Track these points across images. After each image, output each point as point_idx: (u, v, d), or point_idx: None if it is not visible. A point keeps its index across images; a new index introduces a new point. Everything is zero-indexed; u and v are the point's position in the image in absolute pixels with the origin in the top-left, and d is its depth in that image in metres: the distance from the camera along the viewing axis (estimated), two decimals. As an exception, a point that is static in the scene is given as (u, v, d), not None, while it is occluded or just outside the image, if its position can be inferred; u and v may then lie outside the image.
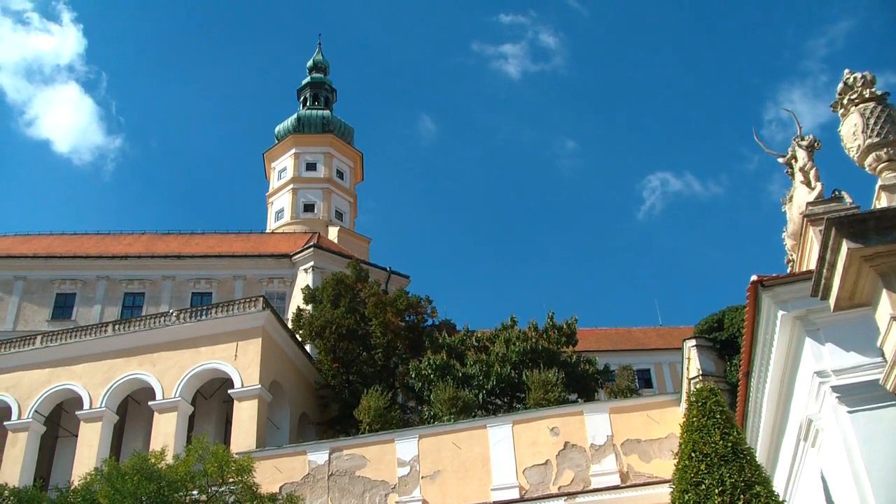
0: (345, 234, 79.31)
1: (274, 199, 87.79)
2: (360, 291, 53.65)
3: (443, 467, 38.30)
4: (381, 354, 50.59)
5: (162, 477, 25.67)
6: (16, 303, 67.25)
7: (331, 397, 51.60)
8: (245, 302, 48.40)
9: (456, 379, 45.10)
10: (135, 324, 50.13)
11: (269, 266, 67.67)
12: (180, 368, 47.05)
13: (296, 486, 39.26)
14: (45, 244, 72.89)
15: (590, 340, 68.95)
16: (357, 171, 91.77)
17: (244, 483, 27.64)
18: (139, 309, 65.22)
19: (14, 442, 48.29)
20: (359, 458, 39.99)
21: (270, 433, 46.24)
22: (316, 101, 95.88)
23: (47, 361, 49.96)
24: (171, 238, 74.38)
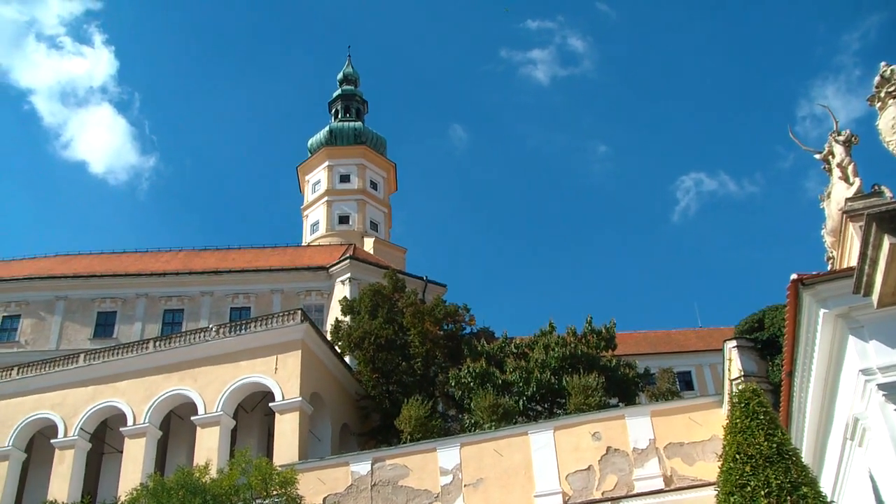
0: (380, 244, 79.44)
1: (309, 212, 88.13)
2: (398, 301, 53.72)
3: (485, 475, 38.21)
4: (420, 364, 50.60)
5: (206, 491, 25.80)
6: (58, 322, 67.99)
7: (371, 408, 51.65)
8: (283, 315, 48.57)
9: (496, 386, 45.00)
10: (175, 340, 50.45)
11: (306, 279, 67.91)
12: (221, 383, 47.29)
13: (339, 497, 39.35)
14: (85, 264, 73.59)
15: (629, 344, 68.64)
16: (391, 181, 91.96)
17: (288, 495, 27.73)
18: (179, 325, 65.66)
19: (61, 459, 48.80)
20: (401, 467, 39.98)
21: (312, 445, 46.34)
22: (347, 113, 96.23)
23: (91, 379, 50.48)
24: (209, 254, 74.87)
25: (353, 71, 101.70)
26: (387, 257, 73.69)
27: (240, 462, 28.48)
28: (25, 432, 51.14)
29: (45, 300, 69.22)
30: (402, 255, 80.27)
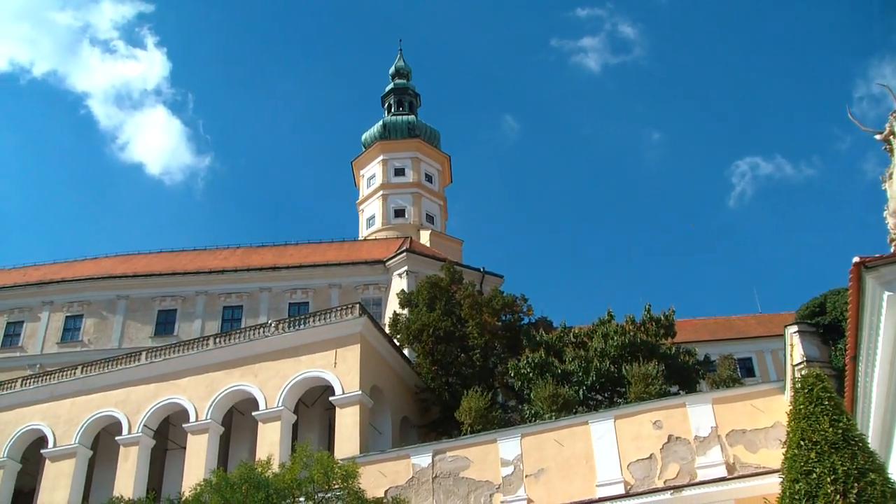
0: (436, 237, 79.52)
1: (364, 207, 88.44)
2: (455, 293, 53.73)
3: (546, 465, 38.12)
4: (479, 355, 50.57)
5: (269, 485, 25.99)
6: (120, 321, 68.99)
7: (431, 400, 51.73)
8: (342, 309, 48.78)
9: (555, 376, 44.90)
10: (235, 336, 50.91)
11: (364, 273, 68.18)
12: (282, 378, 47.61)
13: (401, 489, 39.44)
14: (145, 263, 74.52)
15: (688, 331, 68.13)
16: (445, 173, 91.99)
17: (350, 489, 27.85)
18: (238, 322, 66.27)
19: (126, 456, 49.47)
20: (462, 459, 40.02)
21: (373, 438, 46.52)
22: (400, 107, 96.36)
23: (153, 377, 51.11)
24: (266, 250, 75.43)
25: (404, 65, 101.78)
26: (443, 249, 73.73)
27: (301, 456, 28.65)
28: (91, 430, 51.94)
29: (106, 300, 70.28)
30: (459, 247, 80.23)
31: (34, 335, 70.43)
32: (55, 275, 74.30)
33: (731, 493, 33.80)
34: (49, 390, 53.88)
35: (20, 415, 53.93)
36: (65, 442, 51.52)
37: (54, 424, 52.50)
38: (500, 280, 65.51)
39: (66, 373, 54.53)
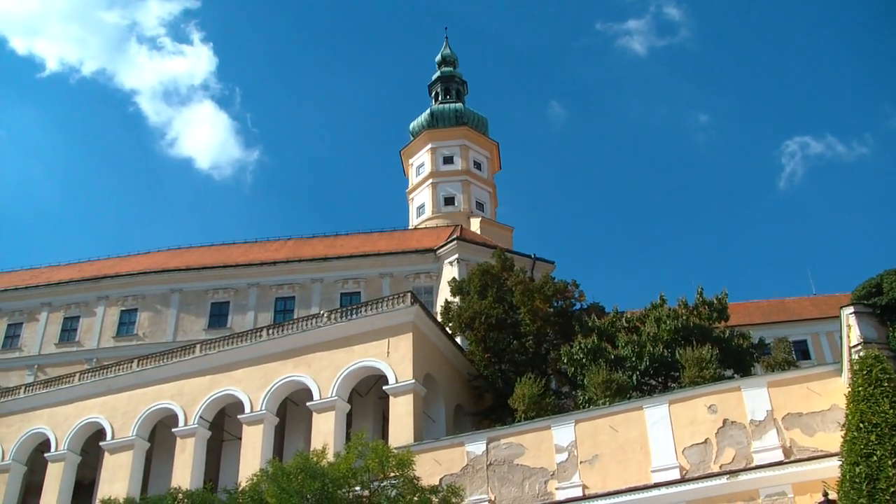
0: (487, 224, 79.37)
1: (414, 195, 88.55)
2: (507, 280, 53.65)
3: (601, 451, 38.00)
4: (531, 342, 50.48)
5: (325, 474, 26.13)
6: (174, 314, 69.70)
7: (484, 387, 51.74)
8: (393, 299, 48.83)
9: (608, 361, 44.74)
10: (288, 327, 51.16)
11: (415, 262, 68.22)
12: (335, 368, 47.82)
13: (455, 477, 39.51)
14: (197, 256, 75.19)
15: (742, 314, 67.56)
16: (494, 160, 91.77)
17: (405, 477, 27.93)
18: (290, 313, 66.59)
19: (183, 448, 49.98)
20: (516, 446, 40.00)
21: (427, 426, 46.61)
22: (447, 95, 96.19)
23: (207, 369, 51.58)
24: (317, 241, 75.70)
25: (450, 52, 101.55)
26: (494, 237, 73.63)
27: (356, 445, 28.77)
28: (148, 422, 52.54)
29: (160, 293, 71.06)
30: (509, 234, 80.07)
31: (90, 330, 71.37)
32: (109, 270, 75.22)
33: (789, 477, 33.52)
34: (106, 384, 54.60)
35: (79, 408, 54.75)
36: (122, 434, 52.19)
37: (112, 417, 53.19)
38: (552, 266, 65.29)
39: (122, 366, 55.21)
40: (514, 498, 38.84)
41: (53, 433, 54.86)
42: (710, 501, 34.55)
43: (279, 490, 25.39)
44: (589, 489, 37.25)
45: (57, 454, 54.02)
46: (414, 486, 27.79)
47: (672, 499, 35.10)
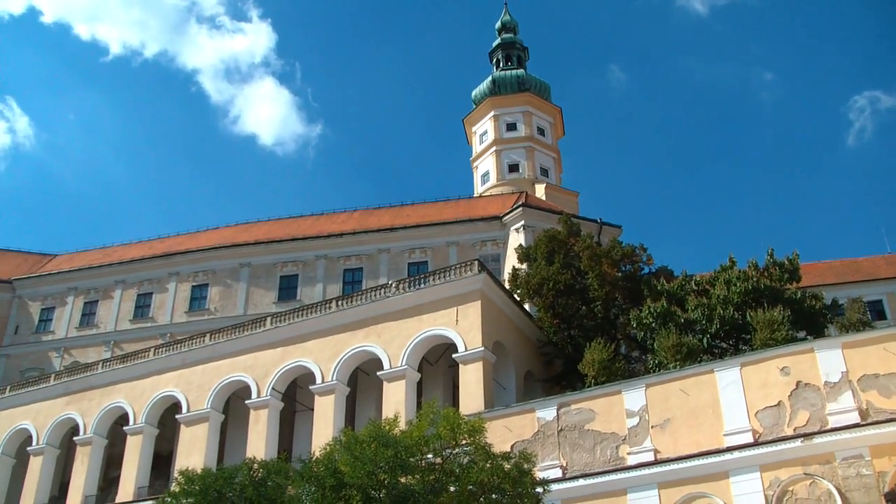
0: (552, 190, 79.09)
1: (478, 163, 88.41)
2: (574, 246, 53.43)
3: (672, 415, 37.85)
4: (600, 307, 50.29)
5: (397, 443, 26.34)
6: (244, 288, 70.60)
7: (554, 354, 51.74)
8: (461, 267, 48.87)
9: (678, 325, 44.45)
10: (357, 298, 51.50)
11: (481, 229, 68.20)
12: (404, 337, 48.08)
13: (526, 443, 39.63)
14: (265, 230, 75.90)
15: (814, 275, 66.63)
16: (557, 126, 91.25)
17: (477, 444, 28.06)
18: (359, 283, 67.03)
19: (256, 419, 50.71)
20: (587, 411, 40.00)
21: (497, 393, 46.70)
22: (509, 62, 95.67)
23: (279, 341, 52.19)
24: (383, 212, 75.93)
25: (510, 18, 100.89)
26: (559, 202, 73.34)
27: (428, 413, 28.92)
28: (222, 395, 53.39)
29: (230, 268, 72.00)
30: (575, 199, 79.70)
31: (163, 306, 72.65)
32: (180, 246, 76.39)
33: (865, 439, 33.11)
34: (180, 358, 55.56)
35: (155, 382, 55.82)
36: (197, 407, 53.10)
37: (187, 390, 54.12)
38: (618, 230, 64.94)
39: (195, 340, 56.13)
40: (586, 463, 38.88)
41: (131, 407, 56.05)
42: (784, 465, 34.27)
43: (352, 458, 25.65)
44: (661, 454, 37.18)
45: (135, 427, 55.22)
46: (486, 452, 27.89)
47: (745, 462, 34.84)
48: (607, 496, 37.35)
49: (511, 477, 27.46)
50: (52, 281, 77.94)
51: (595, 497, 37.55)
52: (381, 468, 25.44)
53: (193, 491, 27.45)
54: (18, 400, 61.85)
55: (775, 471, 34.30)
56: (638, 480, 36.85)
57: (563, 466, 39.23)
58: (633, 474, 37.11)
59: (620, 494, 37.07)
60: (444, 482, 26.53)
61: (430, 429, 28.46)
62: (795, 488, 33.75)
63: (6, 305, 77.77)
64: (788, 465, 34.16)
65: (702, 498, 35.30)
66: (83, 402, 58.62)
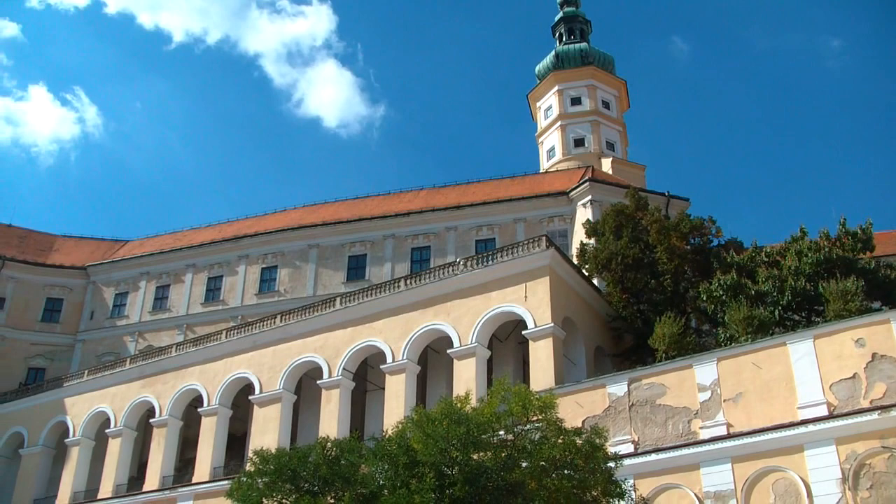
0: (618, 164, 78.42)
1: (543, 139, 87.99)
2: (641, 219, 53.05)
3: (744, 389, 37.51)
4: (669, 280, 49.91)
5: (469, 420, 26.44)
6: (313, 269, 71.12)
7: (623, 328, 51.53)
8: (528, 243, 48.79)
9: (749, 297, 43.97)
10: (425, 276, 51.71)
11: (548, 205, 67.91)
12: (473, 315, 48.16)
13: (598, 419, 39.62)
14: (332, 211, 76.33)
15: (888, 244, 65.27)
16: (622, 99, 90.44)
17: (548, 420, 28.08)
18: (427, 262, 67.18)
19: (328, 398, 51.23)
20: (658, 386, 39.83)
21: (567, 369, 46.68)
22: (571, 35, 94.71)
23: (348, 321, 52.63)
24: (449, 190, 75.88)
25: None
26: (626, 176, 72.76)
27: (499, 390, 28.98)
28: (293, 375, 54.03)
29: (298, 249, 72.57)
30: (642, 173, 78.94)
31: (234, 288, 73.48)
32: (248, 229, 77.13)
33: (950, 411, 32.58)
34: (252, 340, 56.28)
35: (228, 364, 56.67)
36: (270, 388, 53.78)
37: (259, 372, 54.82)
38: (686, 203, 64.28)
39: (265, 322, 56.87)
40: (658, 438, 38.76)
41: (205, 389, 56.99)
42: (861, 438, 33.77)
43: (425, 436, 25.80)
44: (734, 427, 36.89)
45: (209, 409, 56.14)
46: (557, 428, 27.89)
47: (820, 435, 34.41)
48: (680, 470, 37.20)
49: (583, 452, 27.44)
50: (125, 266, 79.31)
51: (668, 472, 37.44)
52: (453, 445, 25.58)
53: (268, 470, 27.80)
54: (96, 384, 63.40)
55: (852, 444, 33.83)
56: (711, 455, 36.66)
57: (634, 441, 39.14)
58: (706, 448, 36.90)
59: (693, 469, 36.90)
60: (517, 458, 26.60)
61: (502, 406, 28.54)
62: (873, 462, 33.29)
63: (81, 292, 79.37)
64: (865, 439, 33.66)
65: (776, 472, 35.02)
66: (158, 385, 59.77)
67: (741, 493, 35.22)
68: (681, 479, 37.00)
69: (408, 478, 25.09)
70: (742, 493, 35.21)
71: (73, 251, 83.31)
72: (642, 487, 36.67)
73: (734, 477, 35.70)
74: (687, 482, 36.78)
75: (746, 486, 35.28)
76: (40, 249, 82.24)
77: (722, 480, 35.91)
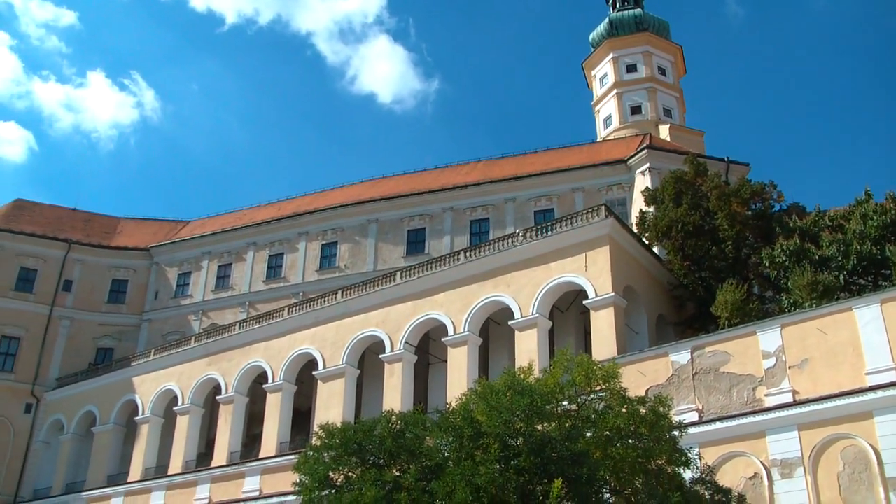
0: (676, 130, 77.63)
1: (599, 107, 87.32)
2: (701, 186, 52.51)
3: (810, 355, 37.04)
4: (730, 247, 49.41)
5: (533, 391, 26.42)
6: (372, 244, 71.36)
7: (685, 296, 51.18)
8: (587, 213, 48.56)
9: (812, 262, 43.45)
10: (485, 248, 51.72)
11: (606, 174, 67.41)
12: (534, 286, 48.10)
13: (661, 387, 39.41)
14: (391, 186, 76.43)
15: (957, 205, 64.09)
16: (678, 65, 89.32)
17: (612, 389, 28.00)
18: (486, 234, 67.07)
19: (391, 372, 51.55)
20: (721, 354, 39.52)
21: (629, 338, 46.52)
22: (625, 2, 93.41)
23: (409, 295, 52.89)
24: (506, 161, 75.58)
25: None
26: (684, 142, 72.02)
27: (562, 360, 28.92)
28: (356, 350, 54.43)
29: (358, 225, 72.82)
30: (700, 139, 78.14)
31: (294, 265, 74.02)
32: (308, 206, 77.54)
33: None
34: (314, 316, 56.78)
35: (291, 340, 57.25)
36: (333, 363, 54.25)
37: (322, 347, 55.32)
38: (747, 168, 63.46)
39: (327, 298, 57.36)
40: (722, 406, 38.50)
41: (269, 365, 57.61)
42: (931, 401, 33.40)
43: (489, 408, 25.82)
44: (800, 394, 36.49)
45: (274, 385, 56.80)
46: (621, 397, 27.79)
47: (890, 402, 33.82)
48: (745, 438, 36.92)
49: (647, 421, 27.33)
50: (187, 247, 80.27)
51: (733, 440, 37.18)
52: (517, 416, 25.58)
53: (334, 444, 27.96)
54: (163, 363, 64.48)
55: (922, 409, 33.45)
56: (777, 422, 36.29)
57: (699, 410, 38.95)
58: (772, 416, 36.53)
59: (759, 437, 36.59)
60: (581, 428, 26.56)
61: (565, 376, 28.50)
62: (944, 426, 32.89)
63: (145, 273, 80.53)
64: (936, 403, 33.27)
65: (844, 439, 34.58)
66: (223, 363, 60.57)
67: (809, 461, 34.83)
68: (747, 447, 36.73)
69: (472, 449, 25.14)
70: (810, 460, 34.83)
71: (136, 233, 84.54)
72: (708, 456, 36.42)
73: (801, 444, 35.30)
74: (753, 450, 36.50)
75: (814, 454, 34.90)
76: (104, 232, 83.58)
77: (789, 448, 35.57)
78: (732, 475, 35.90)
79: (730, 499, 28.19)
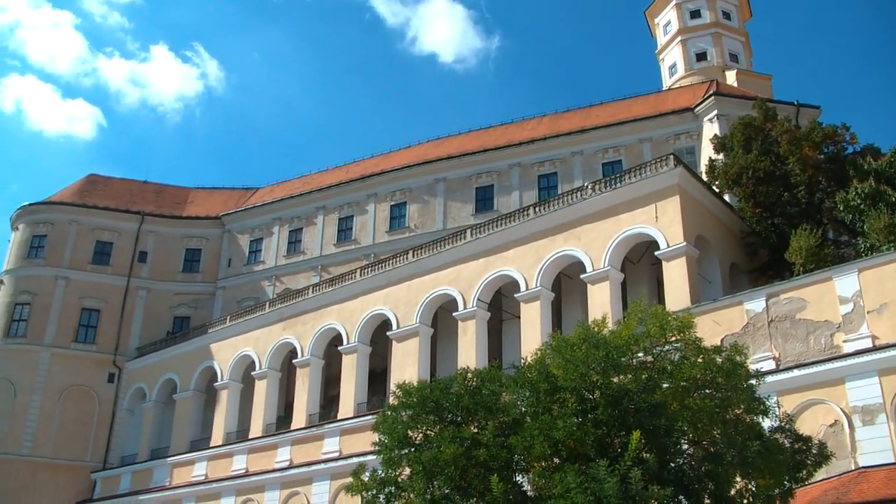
0: (743, 75, 76.42)
1: (664, 56, 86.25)
2: (771, 131, 51.74)
3: (889, 299, 36.41)
4: (803, 192, 48.72)
5: (607, 343, 26.35)
6: (441, 203, 71.37)
7: (758, 244, 50.64)
8: (656, 163, 48.16)
9: (889, 205, 42.64)
10: (554, 203, 51.57)
11: (673, 123, 66.62)
12: (605, 238, 47.91)
13: (736, 336, 39.10)
14: (457, 144, 76.28)
15: None
16: (743, 8, 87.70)
17: (687, 339, 27.84)
18: (554, 189, 66.68)
19: (465, 330, 51.79)
20: (797, 300, 39.10)
21: (703, 288, 46.19)
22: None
23: (480, 252, 53.02)
24: (572, 114, 74.97)
25: None
26: (752, 87, 70.87)
27: (635, 312, 28.76)
28: (429, 309, 54.76)
29: (426, 184, 72.84)
30: (768, 83, 76.81)
31: (364, 227, 74.38)
32: (375, 167, 77.78)
33: None
34: (385, 277, 57.20)
35: (364, 302, 57.79)
36: (407, 323, 54.64)
37: (395, 307, 55.71)
38: (817, 111, 62.31)
39: (398, 258, 57.74)
40: (799, 353, 38.15)
41: (343, 327, 58.23)
42: None
43: (564, 362, 25.78)
44: (879, 340, 35.99)
45: (349, 346, 57.41)
46: (697, 347, 27.61)
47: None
48: (824, 386, 36.56)
49: (724, 370, 27.11)
50: (258, 213, 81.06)
51: (811, 387, 36.85)
52: (593, 369, 25.51)
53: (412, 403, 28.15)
54: (239, 329, 65.53)
55: None
56: (856, 368, 35.81)
57: (775, 358, 38.63)
58: (851, 362, 36.07)
59: (838, 384, 36.21)
60: (657, 380, 26.44)
61: (639, 327, 28.40)
62: None
63: (218, 241, 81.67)
64: None
65: (927, 381, 34.19)
66: (298, 327, 61.36)
67: (891, 407, 34.39)
68: (825, 394, 36.38)
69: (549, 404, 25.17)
70: (892, 406, 34.37)
71: (207, 202, 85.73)
72: (786, 404, 35.99)
73: (882, 390, 34.84)
74: (832, 397, 36.14)
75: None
76: (176, 203, 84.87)
77: (869, 394, 35.12)
78: (812, 423, 35.60)
79: (810, 447, 27.92)
